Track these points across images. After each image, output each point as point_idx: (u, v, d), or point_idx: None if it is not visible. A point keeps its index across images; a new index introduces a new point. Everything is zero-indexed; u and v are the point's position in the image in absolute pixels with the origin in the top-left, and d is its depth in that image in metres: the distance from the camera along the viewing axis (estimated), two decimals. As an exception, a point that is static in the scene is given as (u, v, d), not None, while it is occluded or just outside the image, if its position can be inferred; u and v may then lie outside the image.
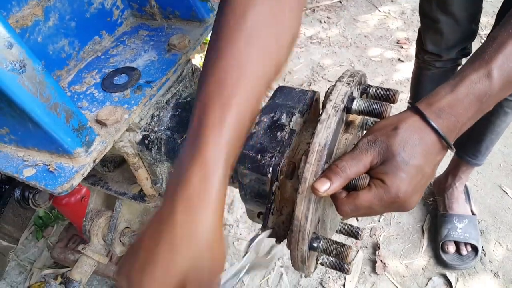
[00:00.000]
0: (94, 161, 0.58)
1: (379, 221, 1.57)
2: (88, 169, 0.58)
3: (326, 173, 0.50)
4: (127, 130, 0.65)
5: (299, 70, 2.28)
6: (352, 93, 0.56)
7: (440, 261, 1.40)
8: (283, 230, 0.58)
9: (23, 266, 1.54)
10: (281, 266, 1.46)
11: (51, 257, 1.23)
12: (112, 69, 0.72)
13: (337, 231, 0.70)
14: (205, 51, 0.50)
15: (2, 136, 0.61)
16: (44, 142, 0.57)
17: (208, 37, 0.54)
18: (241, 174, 0.62)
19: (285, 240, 0.59)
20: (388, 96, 0.58)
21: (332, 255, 0.54)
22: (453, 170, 1.47)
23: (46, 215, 1.66)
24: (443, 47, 1.22)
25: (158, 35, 0.78)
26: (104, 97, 0.67)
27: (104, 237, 0.84)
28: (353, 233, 0.69)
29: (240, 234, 1.59)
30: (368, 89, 0.60)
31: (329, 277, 1.41)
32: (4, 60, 0.46)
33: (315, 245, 0.54)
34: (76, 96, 0.68)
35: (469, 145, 1.35)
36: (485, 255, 1.42)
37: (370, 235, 1.53)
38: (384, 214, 1.59)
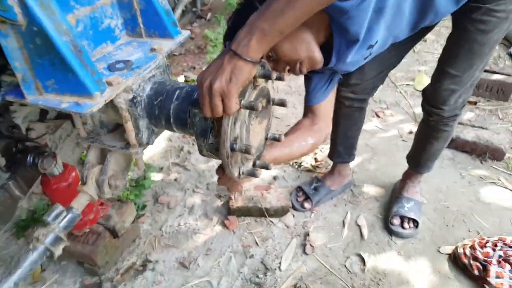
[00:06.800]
0: (105, 101, 1.03)
1: (310, 217, 1.99)
2: (101, 104, 1.01)
3: None
4: (123, 90, 1.11)
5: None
6: None
7: (389, 231, 1.88)
8: (217, 143, 1.04)
9: (4, 260, 1.86)
10: (231, 252, 1.85)
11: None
12: (114, 61, 1.20)
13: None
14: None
15: (47, 87, 1.06)
16: (76, 88, 1.01)
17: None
18: (193, 115, 1.08)
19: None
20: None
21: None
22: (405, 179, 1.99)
23: (27, 218, 2.02)
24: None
25: (143, 46, 1.27)
26: (110, 75, 1.14)
27: (97, 181, 1.25)
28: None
29: (198, 230, 1.97)
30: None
31: (269, 257, 1.80)
32: (69, 42, 0.95)
33: (235, 146, 0.99)
34: (91, 72, 1.15)
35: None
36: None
37: (303, 227, 1.93)
38: (315, 211, 2.01)
